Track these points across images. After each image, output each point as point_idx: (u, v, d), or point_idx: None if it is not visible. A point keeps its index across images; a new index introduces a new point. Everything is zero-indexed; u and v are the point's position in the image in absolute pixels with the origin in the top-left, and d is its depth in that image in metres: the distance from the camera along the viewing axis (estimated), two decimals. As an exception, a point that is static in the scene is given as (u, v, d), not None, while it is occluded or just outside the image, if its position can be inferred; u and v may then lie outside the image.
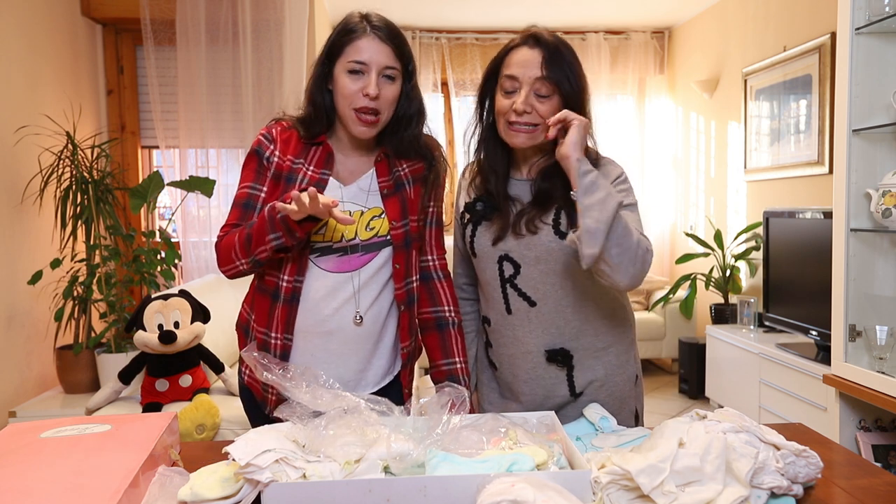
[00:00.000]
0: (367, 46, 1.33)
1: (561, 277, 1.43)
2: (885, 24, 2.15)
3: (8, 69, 2.99)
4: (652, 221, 5.37)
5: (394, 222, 1.41)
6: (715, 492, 0.93)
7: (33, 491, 0.89)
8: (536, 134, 1.41)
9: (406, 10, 4.68)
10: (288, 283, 1.38)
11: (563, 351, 1.45)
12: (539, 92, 1.38)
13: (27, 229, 3.08)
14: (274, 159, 1.40)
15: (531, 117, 1.39)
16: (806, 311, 3.16)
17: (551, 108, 1.39)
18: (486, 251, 1.47)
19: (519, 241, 1.43)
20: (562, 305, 1.44)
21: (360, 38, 1.33)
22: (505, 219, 1.45)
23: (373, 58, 1.33)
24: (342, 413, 1.05)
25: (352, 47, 1.33)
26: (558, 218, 1.41)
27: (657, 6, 4.78)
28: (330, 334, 1.40)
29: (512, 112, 1.39)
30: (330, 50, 1.37)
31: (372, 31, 1.34)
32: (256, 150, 1.42)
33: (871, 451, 2.30)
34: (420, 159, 1.47)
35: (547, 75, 1.37)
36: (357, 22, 1.36)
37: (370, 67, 1.33)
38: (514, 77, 1.39)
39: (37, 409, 2.81)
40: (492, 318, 1.51)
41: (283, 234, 1.28)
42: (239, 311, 1.55)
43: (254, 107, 3.77)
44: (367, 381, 1.45)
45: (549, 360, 1.46)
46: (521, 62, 1.39)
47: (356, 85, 1.33)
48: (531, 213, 1.43)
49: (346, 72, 1.34)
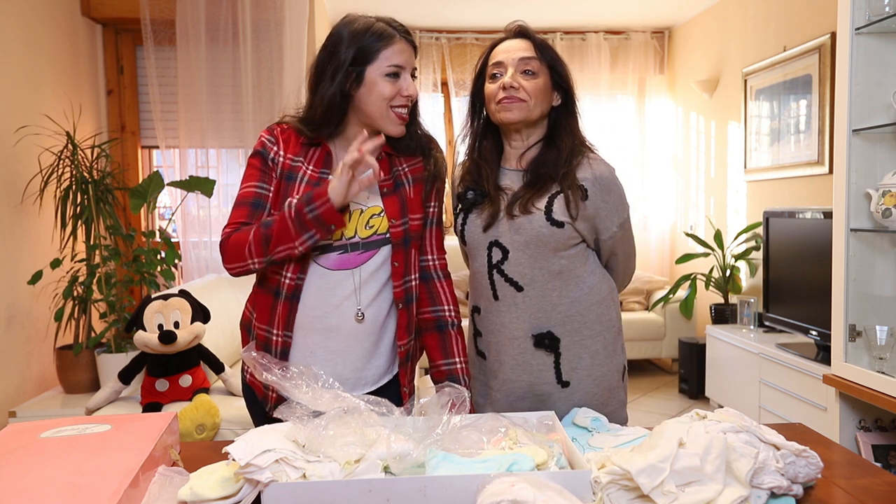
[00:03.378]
0: (403, 50, 1.40)
1: (549, 262, 1.46)
2: (885, 24, 2.15)
3: (8, 69, 2.99)
4: (652, 221, 5.37)
5: (393, 220, 1.43)
6: (715, 492, 0.93)
7: (33, 491, 0.89)
8: (526, 107, 1.45)
9: (406, 10, 4.68)
10: (290, 281, 1.40)
11: (550, 335, 1.47)
12: (525, 69, 1.45)
13: (27, 229, 3.08)
14: (279, 160, 1.43)
15: (519, 93, 1.44)
16: (806, 311, 3.16)
17: (537, 86, 1.45)
18: (476, 238, 1.50)
19: (510, 224, 1.45)
20: (548, 290, 1.46)
21: (396, 43, 1.40)
22: (496, 206, 1.48)
23: (407, 61, 1.41)
24: (342, 413, 1.05)
25: (389, 51, 1.39)
26: (550, 205, 1.44)
27: (657, 6, 4.78)
28: (330, 332, 1.42)
29: (500, 91, 1.45)
30: (360, 55, 1.39)
31: (402, 36, 1.42)
32: (260, 151, 1.44)
33: (871, 451, 2.30)
34: (418, 155, 1.50)
35: (530, 55, 1.45)
36: (386, 27, 1.41)
37: (406, 70, 1.41)
38: (499, 63, 1.47)
39: (37, 409, 2.81)
40: (481, 306, 1.53)
41: (316, 231, 1.31)
42: (242, 310, 1.56)
43: (254, 107, 3.76)
44: (366, 380, 1.47)
45: (536, 346, 1.47)
46: (506, 49, 1.48)
47: (395, 87, 1.39)
48: (526, 196, 1.46)
49: (384, 75, 1.39)
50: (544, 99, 1.47)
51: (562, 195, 1.44)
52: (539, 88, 1.45)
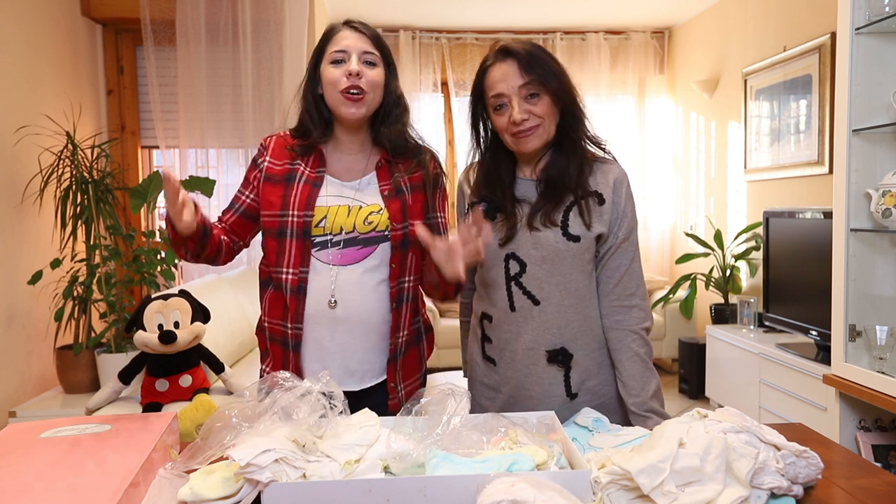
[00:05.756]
0: (345, 36, 1.45)
1: (565, 278, 1.45)
2: (885, 24, 2.15)
3: (8, 69, 2.99)
4: (652, 221, 5.37)
5: (394, 223, 1.46)
6: (715, 492, 0.93)
7: (33, 491, 0.89)
8: (543, 130, 1.44)
9: (406, 10, 4.68)
10: (293, 276, 1.44)
11: (564, 351, 1.47)
12: (527, 95, 1.42)
13: (27, 229, 3.08)
14: (264, 165, 1.51)
15: (531, 121, 1.42)
16: (806, 311, 3.16)
17: (544, 105, 1.43)
18: (493, 251, 1.48)
19: (530, 237, 1.45)
20: (564, 306, 1.46)
21: (339, 32, 1.46)
22: (512, 219, 1.47)
23: (351, 44, 1.44)
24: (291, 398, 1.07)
25: (332, 42, 1.45)
26: (566, 220, 1.44)
27: (657, 6, 4.78)
28: (334, 325, 1.45)
29: (512, 125, 1.43)
30: (316, 56, 1.48)
31: (347, 24, 1.47)
32: (254, 158, 1.56)
33: (871, 451, 2.30)
34: (414, 160, 1.52)
35: (529, 80, 1.41)
36: (334, 24, 1.49)
37: (350, 53, 1.43)
38: (499, 94, 1.44)
39: (37, 409, 2.81)
40: (493, 315, 1.52)
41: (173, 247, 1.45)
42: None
43: (254, 107, 3.76)
44: (372, 373, 1.50)
45: (549, 361, 1.47)
46: (501, 77, 1.43)
47: (339, 70, 1.43)
48: (547, 208, 1.45)
49: (329, 63, 1.44)
50: (555, 112, 1.45)
51: (576, 206, 1.44)
52: (547, 106, 1.43)
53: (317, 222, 1.44)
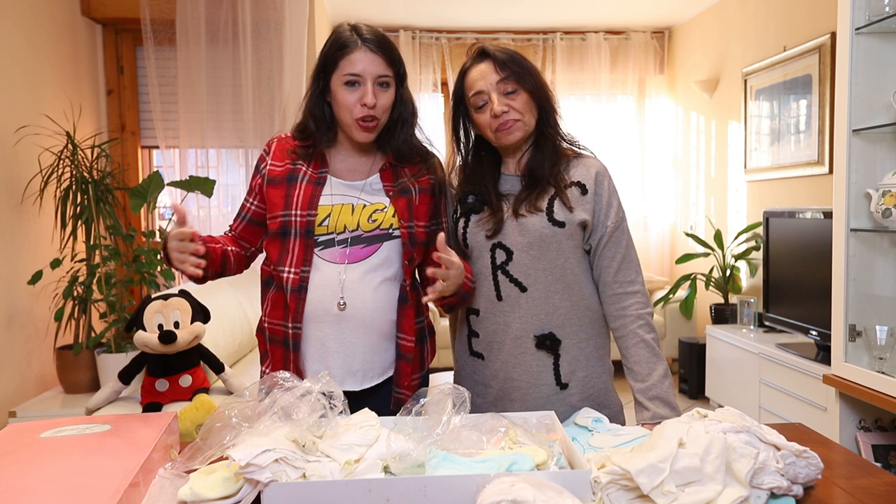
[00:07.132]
0: (361, 59, 1.41)
1: (551, 264, 1.48)
2: (885, 24, 2.15)
3: (8, 69, 2.99)
4: (652, 221, 5.37)
5: (402, 221, 1.47)
6: (715, 492, 0.93)
7: (33, 491, 0.90)
8: (523, 124, 1.49)
9: (406, 10, 4.68)
10: (294, 275, 1.44)
11: (552, 336, 1.48)
12: (506, 91, 1.48)
13: (27, 229, 3.08)
14: (265, 169, 1.51)
15: (511, 114, 1.48)
16: (806, 311, 3.16)
17: (522, 101, 1.49)
18: (480, 243, 1.51)
19: (516, 224, 1.48)
20: (551, 291, 1.48)
21: (353, 52, 1.41)
22: (499, 214, 1.50)
23: (367, 69, 1.41)
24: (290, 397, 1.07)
25: (346, 61, 1.41)
26: (551, 206, 1.48)
27: (657, 6, 4.78)
28: (337, 324, 1.45)
29: (493, 119, 1.48)
30: (324, 64, 1.45)
31: (363, 43, 1.41)
32: (257, 164, 1.55)
33: (871, 451, 2.30)
34: (418, 162, 1.54)
35: (505, 75, 1.47)
36: (348, 36, 1.43)
37: (365, 78, 1.41)
38: (479, 91, 1.49)
39: (37, 409, 2.81)
40: (480, 307, 1.53)
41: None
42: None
43: (254, 107, 3.76)
44: (374, 372, 1.50)
45: (537, 346, 1.49)
46: (479, 76, 1.50)
47: (354, 96, 1.42)
48: (530, 197, 1.49)
49: (343, 84, 1.42)
50: (532, 108, 1.51)
51: (559, 196, 1.48)
52: (525, 102, 1.49)
53: (320, 221, 1.45)
